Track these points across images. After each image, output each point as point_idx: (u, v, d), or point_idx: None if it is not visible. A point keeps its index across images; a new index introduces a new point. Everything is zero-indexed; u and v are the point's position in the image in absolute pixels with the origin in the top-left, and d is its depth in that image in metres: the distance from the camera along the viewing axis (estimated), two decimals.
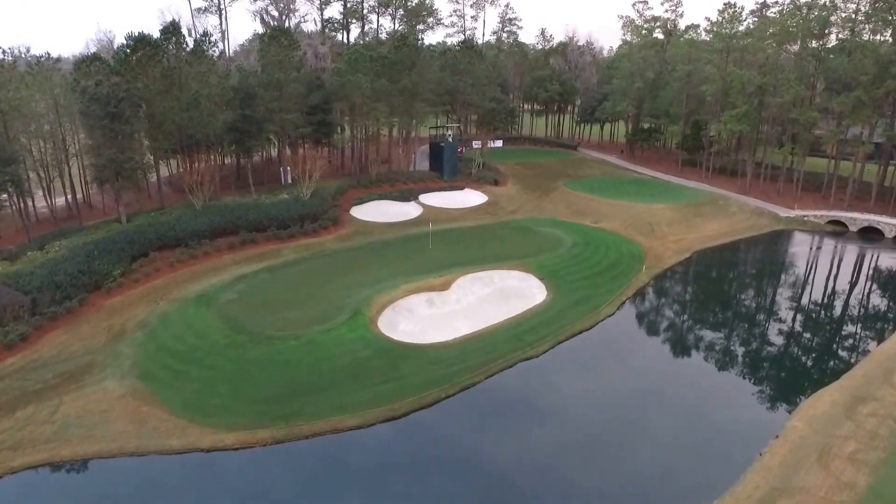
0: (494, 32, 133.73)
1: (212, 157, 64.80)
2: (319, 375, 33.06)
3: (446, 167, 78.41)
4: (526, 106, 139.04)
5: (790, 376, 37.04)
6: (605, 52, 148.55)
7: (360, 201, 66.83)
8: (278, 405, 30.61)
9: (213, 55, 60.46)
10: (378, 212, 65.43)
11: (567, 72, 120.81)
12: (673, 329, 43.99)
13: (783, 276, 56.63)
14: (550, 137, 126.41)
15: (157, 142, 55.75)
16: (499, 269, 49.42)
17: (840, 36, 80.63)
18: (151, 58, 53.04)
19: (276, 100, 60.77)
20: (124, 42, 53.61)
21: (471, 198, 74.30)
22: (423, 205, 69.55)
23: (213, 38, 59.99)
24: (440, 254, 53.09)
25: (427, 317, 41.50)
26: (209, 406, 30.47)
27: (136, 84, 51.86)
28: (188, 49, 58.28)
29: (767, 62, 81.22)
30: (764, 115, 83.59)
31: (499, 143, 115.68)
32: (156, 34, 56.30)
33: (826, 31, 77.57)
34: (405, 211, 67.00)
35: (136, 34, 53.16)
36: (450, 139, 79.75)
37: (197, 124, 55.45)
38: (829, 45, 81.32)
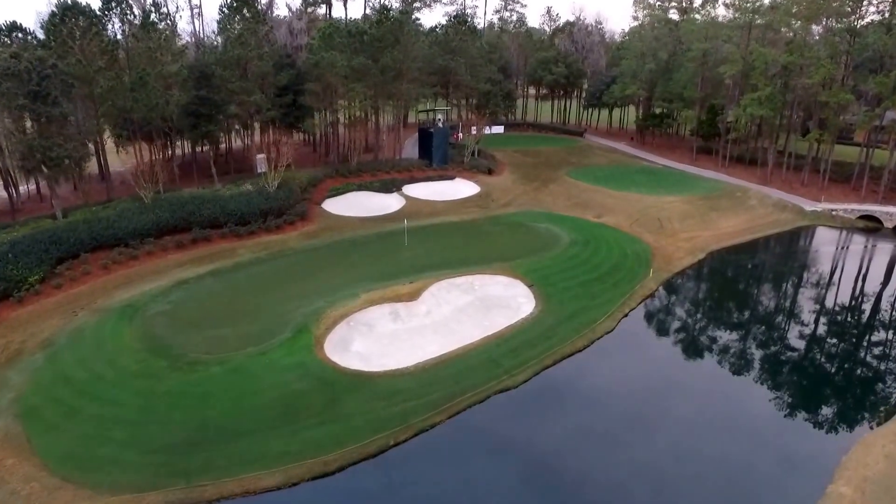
0: (497, 11, 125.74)
1: (171, 144, 58.32)
2: (240, 415, 26.65)
3: (435, 155, 71.41)
4: (531, 91, 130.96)
5: (829, 415, 30.01)
6: (616, 37, 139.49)
7: (336, 193, 60.17)
8: (182, 456, 24.28)
9: (165, 29, 53.65)
10: (355, 205, 58.73)
11: (574, 53, 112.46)
12: (683, 349, 37.01)
13: (812, 283, 49.25)
14: (556, 124, 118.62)
15: (100, 127, 49.20)
16: (482, 273, 42.62)
17: (879, 9, 71.96)
18: (88, 30, 46.30)
19: (237, 80, 53.91)
20: (54, 11, 46.91)
21: (461, 189, 67.34)
22: (406, 196, 62.74)
23: (164, 11, 53.17)
24: (416, 255, 46.41)
25: (388, 334, 34.92)
26: (95, 457, 24.21)
27: (68, 60, 45.26)
28: (136, 22, 51.55)
29: (794, 40, 72.90)
30: (788, 99, 75.42)
31: (499, 130, 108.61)
32: (97, 4, 49.65)
33: (862, 4, 69.10)
34: (385, 204, 60.25)
35: (69, 1, 46.36)
36: (440, 124, 72.60)
37: (144, 107, 48.86)
38: (866, 20, 72.88)
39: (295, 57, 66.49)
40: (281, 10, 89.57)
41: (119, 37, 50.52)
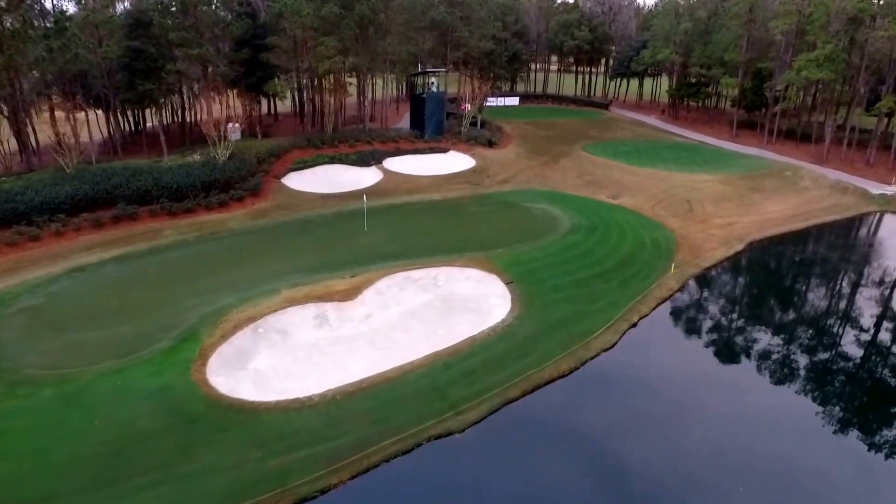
0: None
1: (112, 110, 50.47)
2: (47, 471, 18.43)
3: (428, 124, 61.89)
4: (554, 62, 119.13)
5: None
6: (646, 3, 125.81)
7: (303, 165, 51.51)
8: None
9: None
10: (322, 180, 50.03)
11: (599, 15, 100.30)
12: (713, 376, 27.23)
13: (884, 284, 38.34)
14: (579, 96, 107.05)
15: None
16: (450, 264, 33.48)
17: None
18: None
19: (180, 29, 45.26)
20: None
21: (453, 163, 57.87)
22: (385, 171, 53.71)
23: None
24: (375, 241, 37.54)
25: (306, 345, 26.31)
26: None
27: None
28: None
29: None
30: (854, 60, 62.81)
31: (514, 101, 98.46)
32: None
33: None
34: (359, 179, 51.37)
35: None
36: (433, 88, 62.93)
37: (62, 59, 40.89)
38: None
39: (256, 5, 57.52)
40: None
41: None
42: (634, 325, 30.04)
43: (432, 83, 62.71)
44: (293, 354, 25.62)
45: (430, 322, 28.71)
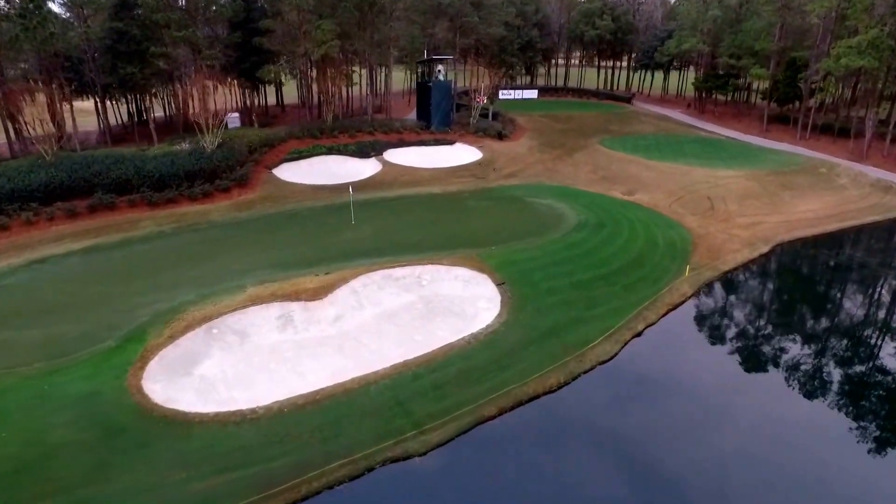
0: None
1: (97, 95, 48.70)
2: None
3: (434, 114, 58.96)
4: (574, 58, 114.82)
5: None
6: None
7: (298, 156, 49.12)
8: None
9: None
10: (317, 171, 47.54)
11: (623, 4, 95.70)
12: (727, 398, 23.59)
13: None
14: (601, 90, 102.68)
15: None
16: (437, 262, 30.46)
17: None
18: None
19: (166, 9, 43.12)
20: None
21: (458, 155, 54.82)
22: (385, 163, 50.94)
23: None
24: (360, 236, 34.76)
25: (266, 349, 23.66)
26: None
27: None
28: None
29: None
30: None
31: (532, 94, 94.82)
32: None
33: None
34: (356, 170, 48.72)
35: None
36: (440, 77, 59.90)
37: (38, 39, 39.13)
38: None
39: None
40: None
41: None
42: (639, 334, 26.60)
43: (439, 71, 59.67)
44: (249, 359, 23.01)
45: (408, 326, 25.79)
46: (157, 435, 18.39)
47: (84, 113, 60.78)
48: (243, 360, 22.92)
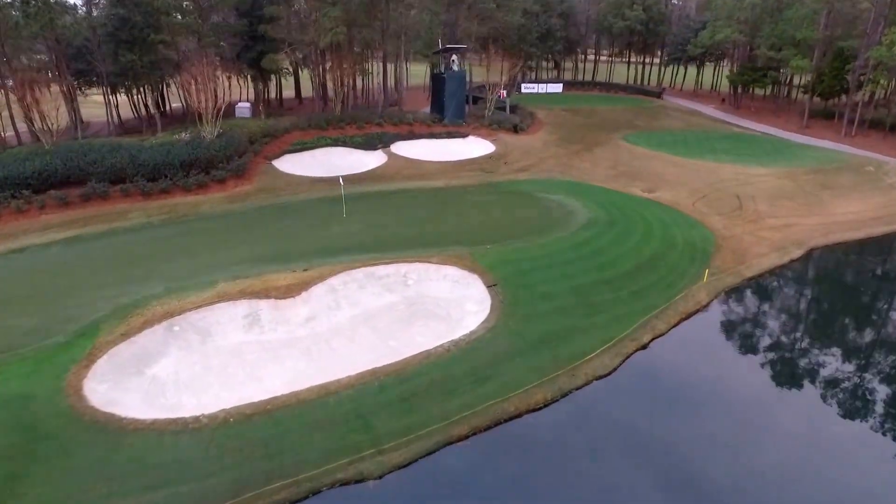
0: None
1: (104, 85, 47.96)
2: None
3: (448, 106, 56.56)
4: (603, 54, 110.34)
5: None
6: None
7: (301, 147, 47.48)
8: None
9: None
10: (319, 163, 45.78)
11: None
12: (741, 423, 20.51)
13: None
14: (630, 84, 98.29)
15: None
16: (427, 260, 28.09)
17: None
18: None
19: None
20: None
21: (471, 148, 52.33)
22: (391, 155, 48.88)
23: None
24: (348, 230, 32.69)
25: (228, 350, 21.82)
26: None
27: None
28: None
29: None
30: None
31: (557, 88, 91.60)
32: None
33: None
34: (361, 162, 46.80)
35: None
36: (454, 67, 57.45)
37: (37, 24, 38.43)
38: None
39: None
40: None
41: None
42: (645, 346, 23.72)
43: (453, 61, 57.21)
44: (206, 361, 21.19)
45: (385, 330, 23.58)
46: (84, 443, 16.68)
47: (100, 105, 60.86)
48: (200, 362, 21.11)
